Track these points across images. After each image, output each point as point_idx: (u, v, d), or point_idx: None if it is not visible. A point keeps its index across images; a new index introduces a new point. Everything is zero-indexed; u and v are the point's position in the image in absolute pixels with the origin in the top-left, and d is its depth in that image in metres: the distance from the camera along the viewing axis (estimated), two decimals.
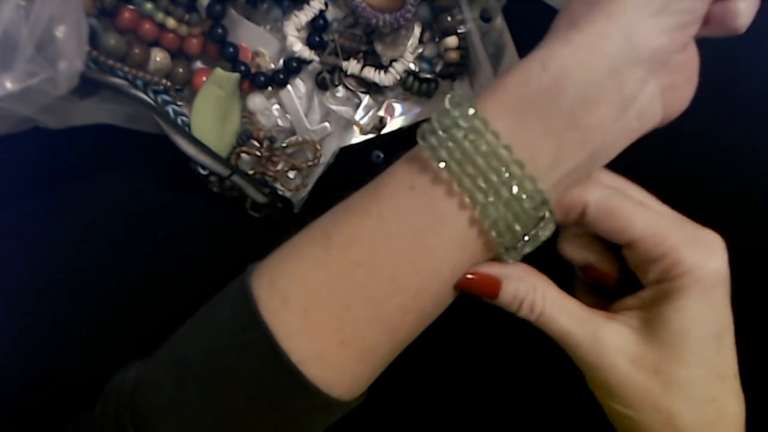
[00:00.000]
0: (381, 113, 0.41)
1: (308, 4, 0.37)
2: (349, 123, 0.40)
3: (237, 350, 0.27)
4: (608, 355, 0.28)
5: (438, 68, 0.40)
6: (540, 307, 0.29)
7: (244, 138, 0.39)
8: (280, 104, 0.40)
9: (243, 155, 0.39)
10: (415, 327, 0.29)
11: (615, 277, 0.32)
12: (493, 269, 0.29)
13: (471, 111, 0.27)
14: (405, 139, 0.41)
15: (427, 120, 0.28)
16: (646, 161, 0.29)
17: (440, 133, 0.27)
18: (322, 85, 0.40)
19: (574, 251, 0.32)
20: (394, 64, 0.39)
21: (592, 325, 0.29)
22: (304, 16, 0.38)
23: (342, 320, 0.28)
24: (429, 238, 0.27)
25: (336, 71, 0.40)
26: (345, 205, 0.30)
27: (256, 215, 0.40)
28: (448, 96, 0.28)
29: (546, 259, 0.30)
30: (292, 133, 0.40)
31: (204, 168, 0.37)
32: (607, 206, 0.29)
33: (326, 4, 0.38)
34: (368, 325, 0.28)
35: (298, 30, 0.38)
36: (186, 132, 0.36)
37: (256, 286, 0.28)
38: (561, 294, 0.30)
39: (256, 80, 0.38)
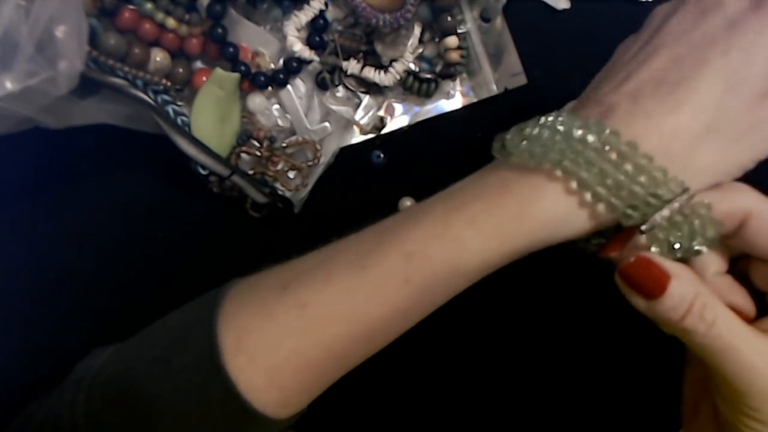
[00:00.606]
0: (381, 113, 0.41)
1: (308, 4, 0.37)
2: (349, 123, 0.40)
3: (200, 400, 0.27)
4: None
5: (438, 68, 0.40)
6: (711, 317, 0.26)
7: (244, 138, 0.39)
8: (280, 104, 0.40)
9: (243, 155, 0.39)
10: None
11: (754, 317, 0.29)
12: (664, 261, 0.26)
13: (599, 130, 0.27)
14: (405, 139, 0.41)
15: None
16: None
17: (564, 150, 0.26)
18: (322, 85, 0.40)
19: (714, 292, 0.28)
20: (394, 64, 0.39)
21: (763, 346, 0.26)
22: (304, 16, 0.38)
23: (310, 378, 0.28)
24: (414, 317, 0.28)
25: (336, 71, 0.40)
26: (325, 276, 0.29)
27: (256, 215, 0.40)
28: (568, 119, 0.27)
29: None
30: (292, 133, 0.40)
31: (204, 168, 0.37)
32: None
33: (326, 4, 0.38)
34: (334, 374, 0.29)
35: (298, 30, 0.38)
36: (186, 132, 0.36)
37: (222, 337, 0.28)
38: (725, 306, 0.27)
39: (256, 80, 0.38)
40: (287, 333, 0.28)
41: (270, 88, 0.39)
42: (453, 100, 0.41)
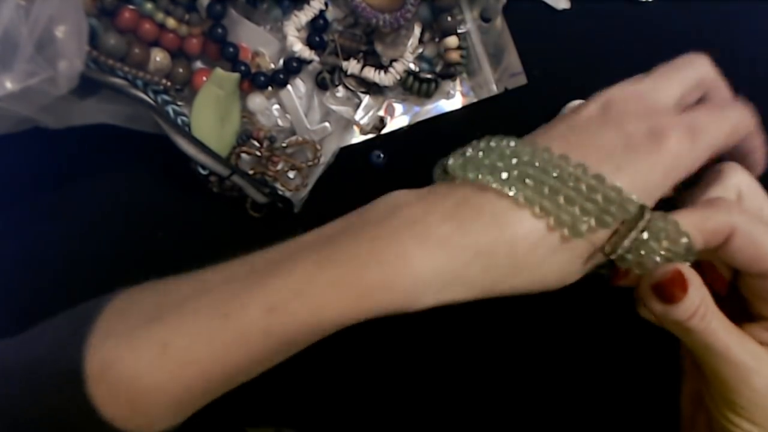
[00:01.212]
0: (381, 113, 0.41)
1: (308, 4, 0.37)
2: (349, 123, 0.40)
3: (62, 425, 0.28)
4: None
5: (438, 68, 0.40)
6: (710, 317, 0.27)
7: (244, 138, 0.39)
8: (280, 104, 0.40)
9: (243, 155, 0.39)
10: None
11: (727, 284, 0.30)
12: (683, 267, 0.27)
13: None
14: (405, 139, 0.41)
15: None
16: None
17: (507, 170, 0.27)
18: (322, 85, 0.40)
19: None
20: (394, 64, 0.39)
21: (750, 345, 0.28)
22: (304, 16, 0.38)
23: (175, 407, 0.28)
24: (277, 360, 0.29)
25: (336, 71, 0.40)
26: (189, 316, 0.29)
27: (256, 215, 0.40)
28: (498, 141, 0.29)
29: None
30: (292, 133, 0.40)
31: (204, 168, 0.37)
32: (753, 235, 0.28)
33: (326, 4, 0.38)
34: (201, 401, 0.29)
35: (298, 30, 0.38)
36: (186, 132, 0.36)
37: (88, 362, 0.28)
38: (718, 309, 0.28)
39: (256, 80, 0.38)
40: (148, 370, 0.28)
41: (270, 88, 0.39)
42: (453, 100, 0.41)
